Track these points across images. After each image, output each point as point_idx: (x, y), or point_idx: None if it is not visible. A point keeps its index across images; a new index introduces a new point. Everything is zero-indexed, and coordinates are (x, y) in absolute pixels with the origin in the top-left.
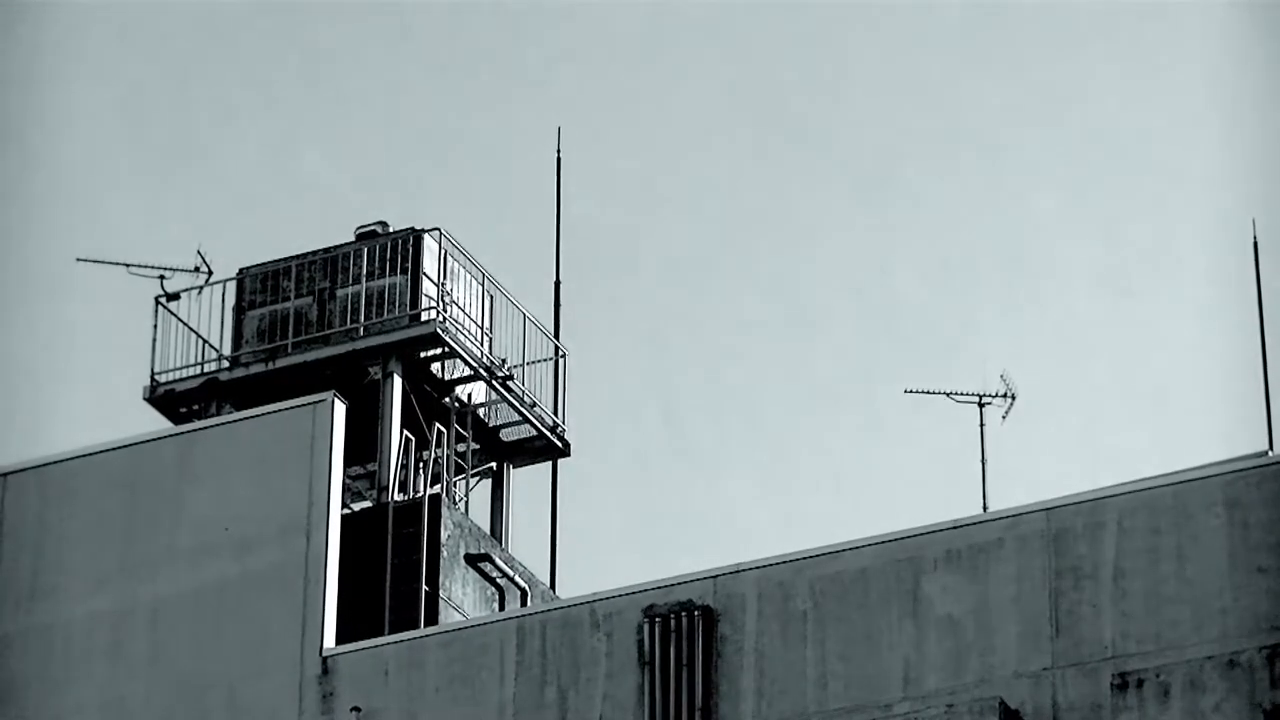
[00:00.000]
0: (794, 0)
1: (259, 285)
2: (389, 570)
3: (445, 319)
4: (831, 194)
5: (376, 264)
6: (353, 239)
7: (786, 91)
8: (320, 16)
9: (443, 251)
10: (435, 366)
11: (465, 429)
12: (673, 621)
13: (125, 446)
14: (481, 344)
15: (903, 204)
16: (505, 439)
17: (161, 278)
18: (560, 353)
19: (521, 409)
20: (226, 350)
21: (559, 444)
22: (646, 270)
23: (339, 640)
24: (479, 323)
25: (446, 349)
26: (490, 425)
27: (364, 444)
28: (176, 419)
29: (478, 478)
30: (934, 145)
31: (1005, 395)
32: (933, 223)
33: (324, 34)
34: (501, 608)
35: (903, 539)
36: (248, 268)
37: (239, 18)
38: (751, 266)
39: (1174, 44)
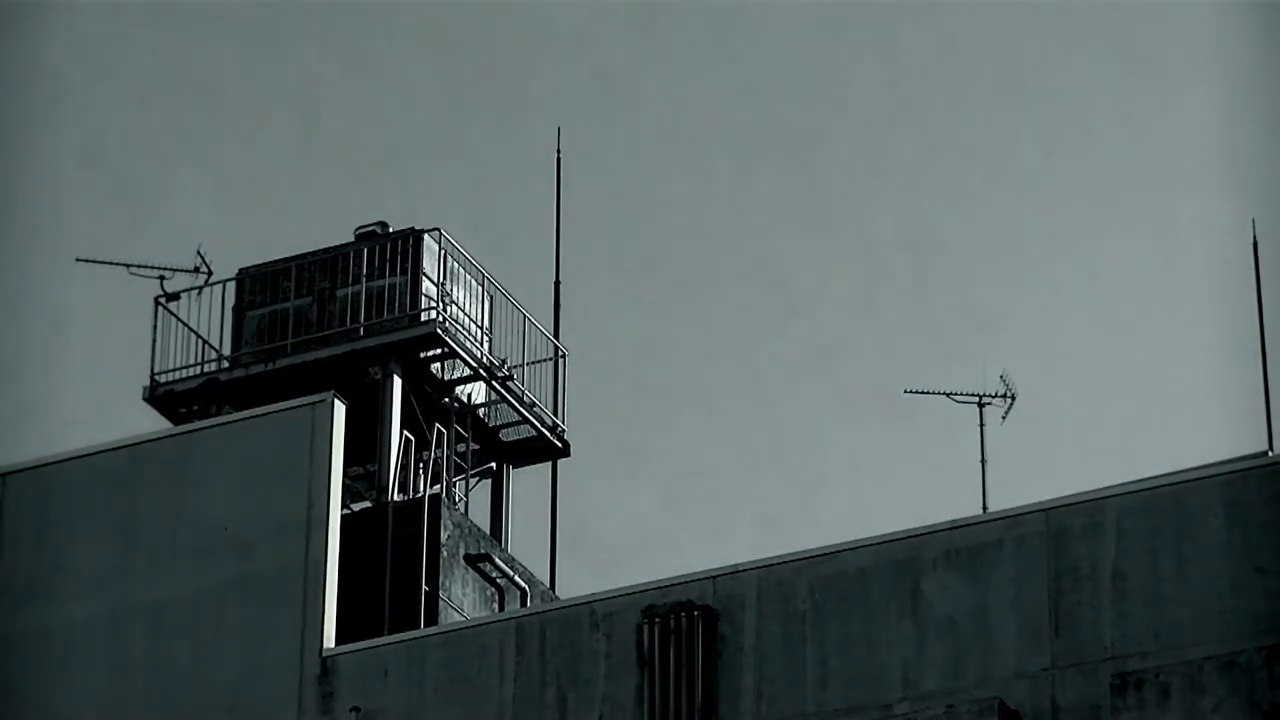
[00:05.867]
0: (793, 0)
1: (259, 285)
2: (389, 570)
3: (445, 319)
4: (830, 194)
5: (376, 264)
6: (353, 239)
7: (786, 91)
8: (320, 16)
9: (442, 251)
10: (435, 367)
11: (465, 429)
12: (672, 622)
13: (125, 446)
14: (481, 344)
15: (902, 203)
16: (505, 439)
17: (161, 278)
18: (560, 353)
19: (521, 409)
20: (226, 350)
21: (559, 444)
22: (646, 270)
23: (339, 640)
24: (479, 323)
25: (446, 349)
26: (490, 425)
27: (364, 444)
28: (176, 419)
29: (477, 478)
30: (934, 144)
31: (1005, 395)
32: (933, 222)
33: (324, 34)
34: (501, 608)
35: (903, 539)
36: (248, 268)
37: (239, 17)
38: (751, 266)
39: (1174, 44)
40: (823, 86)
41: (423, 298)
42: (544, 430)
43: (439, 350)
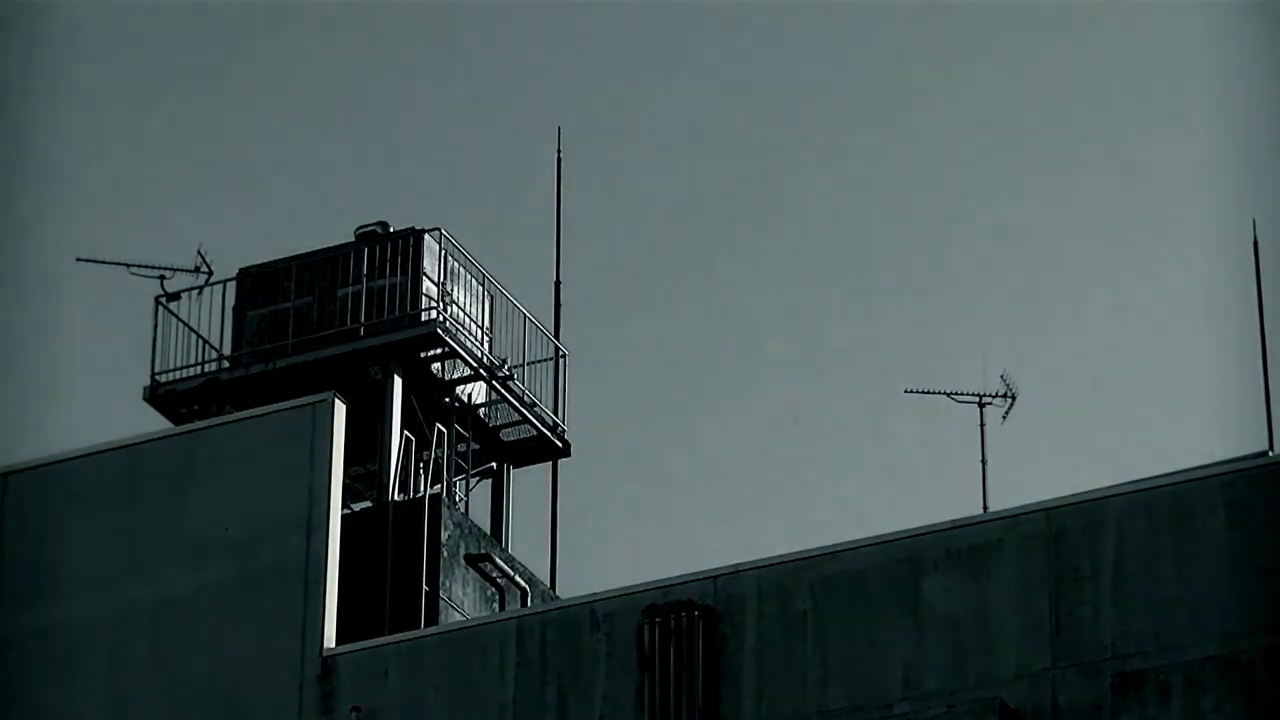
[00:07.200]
0: (793, 1)
1: (259, 285)
2: (389, 570)
3: (445, 319)
4: (831, 193)
5: (377, 264)
6: (353, 239)
7: (786, 91)
8: (320, 17)
9: (443, 251)
10: (435, 367)
11: (465, 429)
12: (673, 621)
13: (125, 446)
14: (482, 344)
15: (902, 203)
16: (505, 439)
17: (162, 278)
18: (560, 353)
19: (522, 409)
20: (227, 350)
21: (559, 444)
22: (646, 270)
23: (339, 640)
24: (479, 323)
25: (447, 349)
26: (490, 425)
27: (364, 444)
28: (177, 419)
29: (478, 478)
30: (933, 143)
31: (1005, 395)
32: (932, 222)
33: (324, 34)
34: (501, 608)
35: (903, 539)
36: (248, 268)
37: (239, 18)
38: (751, 266)
39: (1173, 44)
40: (822, 86)
41: (423, 298)
42: (544, 430)
43: (439, 350)
